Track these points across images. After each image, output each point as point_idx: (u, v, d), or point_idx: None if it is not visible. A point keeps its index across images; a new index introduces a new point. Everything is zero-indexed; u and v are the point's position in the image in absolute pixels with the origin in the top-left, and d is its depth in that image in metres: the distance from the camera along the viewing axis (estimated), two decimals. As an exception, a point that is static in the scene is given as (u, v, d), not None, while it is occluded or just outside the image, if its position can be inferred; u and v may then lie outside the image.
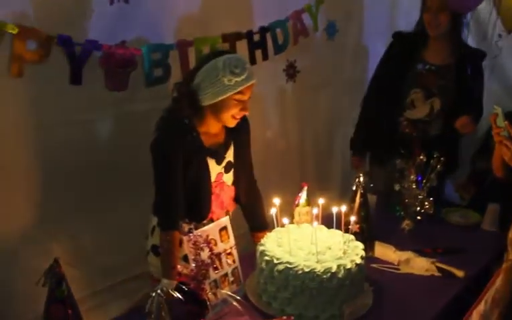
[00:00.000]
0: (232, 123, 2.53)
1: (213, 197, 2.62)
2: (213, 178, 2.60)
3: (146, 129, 2.54)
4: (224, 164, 2.64)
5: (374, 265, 2.73)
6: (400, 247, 2.84)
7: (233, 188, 2.72)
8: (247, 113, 2.53)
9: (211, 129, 2.57)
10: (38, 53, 2.62)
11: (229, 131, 2.61)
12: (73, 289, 2.13)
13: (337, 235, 2.51)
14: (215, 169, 2.60)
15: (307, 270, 2.23)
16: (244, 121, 2.62)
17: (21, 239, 2.75)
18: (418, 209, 3.07)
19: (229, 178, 2.69)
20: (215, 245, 2.40)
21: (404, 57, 3.49)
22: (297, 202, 2.87)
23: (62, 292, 1.94)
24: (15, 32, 2.51)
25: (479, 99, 3.47)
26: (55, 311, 1.92)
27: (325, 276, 2.22)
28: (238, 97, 2.44)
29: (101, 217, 3.00)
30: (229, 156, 2.66)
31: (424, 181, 3.05)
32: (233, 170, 2.69)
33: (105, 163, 2.99)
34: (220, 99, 2.41)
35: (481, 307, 2.12)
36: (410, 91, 3.47)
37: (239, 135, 2.66)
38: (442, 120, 3.47)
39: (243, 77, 2.40)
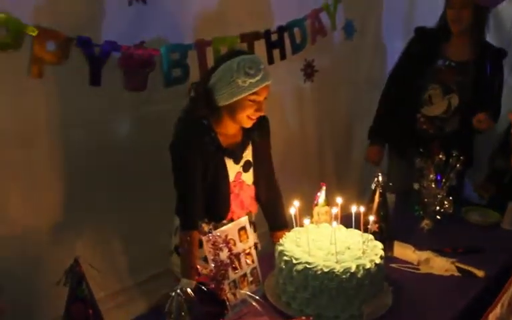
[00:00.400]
0: (248, 124, 2.54)
1: (232, 197, 2.62)
2: (232, 177, 2.61)
3: (165, 129, 2.55)
4: (242, 163, 2.64)
5: (393, 265, 2.70)
6: (419, 246, 2.82)
7: (253, 187, 2.72)
8: (262, 114, 2.53)
9: (229, 130, 2.57)
10: (57, 55, 2.66)
11: (246, 130, 2.61)
12: (94, 288, 2.13)
13: (356, 235, 2.50)
14: (233, 168, 2.61)
15: (326, 270, 2.22)
16: (263, 120, 2.63)
17: (44, 238, 2.79)
18: (437, 208, 3.05)
19: (248, 177, 2.69)
20: (234, 245, 2.40)
21: (425, 53, 3.48)
22: (315, 202, 2.86)
23: (82, 291, 1.95)
24: (34, 34, 2.55)
25: (497, 97, 3.46)
26: (76, 310, 1.93)
27: (344, 276, 2.21)
28: (253, 97, 2.44)
29: (122, 217, 3.03)
30: (247, 155, 2.66)
31: (443, 180, 3.03)
32: (252, 169, 2.70)
33: (126, 163, 3.02)
34: (235, 99, 2.42)
35: (497, 311, 2.09)
36: (428, 86, 3.47)
37: (256, 134, 2.66)
38: (458, 117, 3.47)
39: (257, 78, 2.40)
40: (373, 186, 2.84)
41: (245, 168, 2.66)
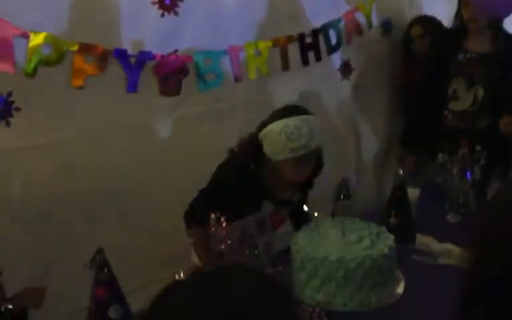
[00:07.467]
0: (290, 182, 2.64)
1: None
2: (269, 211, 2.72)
3: (199, 131, 2.69)
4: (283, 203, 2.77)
5: (413, 256, 2.73)
6: (442, 239, 2.84)
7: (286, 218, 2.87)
8: (300, 180, 2.61)
9: (278, 179, 2.63)
10: (96, 66, 2.88)
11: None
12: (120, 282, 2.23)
13: (369, 227, 2.57)
14: (270, 207, 2.70)
15: (333, 259, 2.33)
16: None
17: (78, 230, 2.96)
18: (461, 202, 3.05)
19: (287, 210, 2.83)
20: (253, 235, 2.53)
21: (444, 49, 3.53)
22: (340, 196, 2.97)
23: (106, 275, 2.12)
24: (75, 49, 2.80)
25: None
26: (100, 293, 2.10)
27: (351, 265, 2.32)
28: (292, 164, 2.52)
29: (153, 215, 3.18)
30: (293, 197, 2.79)
31: (467, 174, 3.05)
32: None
33: (161, 164, 3.18)
34: (276, 159, 2.52)
35: None
36: (452, 81, 3.49)
37: (305, 192, 2.82)
38: (488, 112, 3.46)
39: (298, 144, 2.46)
40: (394, 181, 2.92)
41: (286, 206, 2.79)
